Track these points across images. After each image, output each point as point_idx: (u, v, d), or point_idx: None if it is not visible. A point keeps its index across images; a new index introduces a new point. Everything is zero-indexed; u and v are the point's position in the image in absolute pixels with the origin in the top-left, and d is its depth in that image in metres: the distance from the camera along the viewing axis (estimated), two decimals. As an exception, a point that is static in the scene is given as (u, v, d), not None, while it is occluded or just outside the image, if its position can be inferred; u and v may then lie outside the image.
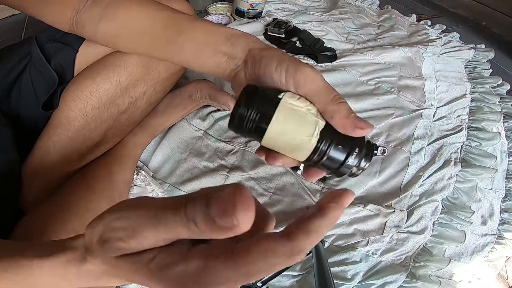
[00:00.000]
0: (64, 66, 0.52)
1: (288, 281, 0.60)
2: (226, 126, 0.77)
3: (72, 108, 0.51)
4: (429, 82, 0.98)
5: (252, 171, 0.71)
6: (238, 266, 0.16)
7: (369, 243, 0.64)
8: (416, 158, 0.79)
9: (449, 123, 0.89)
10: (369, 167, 0.75)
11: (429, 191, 0.74)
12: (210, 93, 0.73)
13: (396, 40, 1.13)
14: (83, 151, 0.54)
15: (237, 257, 0.16)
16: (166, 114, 0.70)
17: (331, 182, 0.73)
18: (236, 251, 0.16)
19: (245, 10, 1.06)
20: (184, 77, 0.83)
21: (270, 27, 1.02)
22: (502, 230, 0.71)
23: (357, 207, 0.67)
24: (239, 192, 0.15)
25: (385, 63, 1.02)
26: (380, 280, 0.60)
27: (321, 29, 1.09)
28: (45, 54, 0.51)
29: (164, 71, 0.58)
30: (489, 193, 0.77)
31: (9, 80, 0.52)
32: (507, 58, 1.18)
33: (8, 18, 1.02)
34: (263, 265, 0.16)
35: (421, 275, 0.62)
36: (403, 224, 0.67)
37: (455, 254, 0.67)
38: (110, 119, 0.54)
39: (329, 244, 0.64)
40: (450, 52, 1.10)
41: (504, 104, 0.96)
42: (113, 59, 0.52)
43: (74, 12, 0.40)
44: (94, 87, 0.51)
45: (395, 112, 0.88)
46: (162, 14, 0.38)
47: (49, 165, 0.51)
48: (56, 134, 0.51)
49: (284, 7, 1.18)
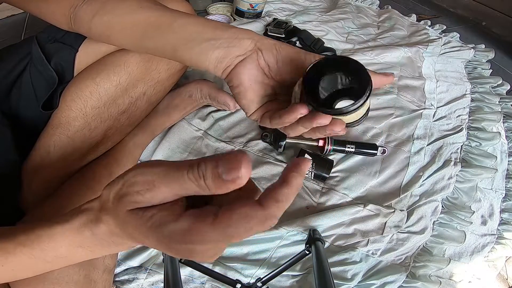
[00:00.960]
0: (64, 66, 0.52)
1: (288, 281, 0.60)
2: (226, 126, 0.78)
3: (72, 108, 0.51)
4: (429, 82, 0.98)
5: (252, 171, 0.71)
6: (220, 228, 0.19)
7: (369, 243, 0.64)
8: (416, 158, 0.79)
9: (449, 123, 0.89)
10: (369, 167, 0.75)
11: (429, 191, 0.74)
12: (210, 93, 0.73)
13: (396, 40, 1.13)
14: (83, 151, 0.54)
15: (219, 220, 0.19)
16: (166, 114, 0.70)
17: (331, 182, 0.73)
18: (219, 215, 0.19)
19: (245, 10, 1.06)
20: (184, 77, 0.83)
21: (270, 27, 1.02)
22: (502, 230, 0.71)
23: (357, 207, 0.67)
24: (242, 154, 0.18)
25: (385, 63, 1.02)
26: (380, 280, 0.60)
27: (321, 29, 1.09)
28: (45, 54, 0.51)
29: (164, 71, 0.58)
30: (489, 193, 0.77)
31: (9, 80, 0.52)
32: (507, 58, 1.18)
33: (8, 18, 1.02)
34: (241, 228, 0.18)
35: (421, 275, 0.62)
36: (403, 224, 0.67)
37: (455, 254, 0.67)
38: (110, 119, 0.54)
39: (329, 244, 0.64)
40: (450, 52, 1.10)
41: (504, 104, 0.96)
42: (113, 59, 0.52)
43: (72, 9, 0.41)
44: (94, 87, 0.51)
45: (395, 112, 0.88)
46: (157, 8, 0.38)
47: (49, 165, 0.51)
48: (56, 134, 0.51)
49: (284, 7, 1.18)
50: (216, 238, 0.19)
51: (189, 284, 0.58)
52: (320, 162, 0.70)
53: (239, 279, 0.56)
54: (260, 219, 0.19)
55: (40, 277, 0.41)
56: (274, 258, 0.62)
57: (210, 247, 0.19)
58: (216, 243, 0.19)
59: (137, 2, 0.39)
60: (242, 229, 0.19)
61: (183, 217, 0.20)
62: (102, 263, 0.49)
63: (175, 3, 0.52)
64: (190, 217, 0.20)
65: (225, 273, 0.58)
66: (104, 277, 0.49)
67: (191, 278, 0.58)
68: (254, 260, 0.61)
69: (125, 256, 0.58)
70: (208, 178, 0.18)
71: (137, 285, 0.56)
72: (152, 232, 0.20)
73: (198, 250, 0.19)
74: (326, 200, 0.70)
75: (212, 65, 0.34)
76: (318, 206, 0.69)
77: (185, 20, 0.36)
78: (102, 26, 0.40)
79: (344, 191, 0.71)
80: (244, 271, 0.59)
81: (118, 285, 0.56)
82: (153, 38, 0.37)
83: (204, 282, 0.58)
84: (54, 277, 0.42)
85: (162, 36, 0.37)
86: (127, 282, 0.56)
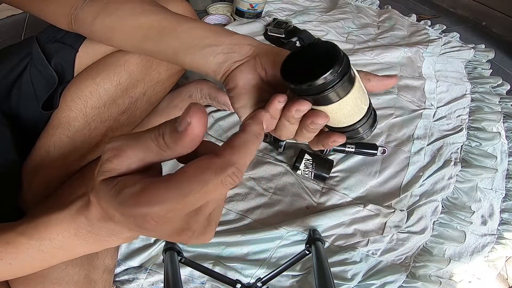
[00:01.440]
0: (64, 66, 0.52)
1: (288, 281, 0.60)
2: (226, 126, 0.78)
3: (72, 108, 0.51)
4: (429, 82, 0.98)
5: (252, 171, 0.71)
6: (172, 185, 0.18)
7: (369, 243, 0.64)
8: (416, 158, 0.79)
9: (449, 123, 0.89)
10: (369, 167, 0.75)
11: (429, 191, 0.74)
12: (210, 93, 0.73)
13: (396, 40, 1.13)
14: (83, 151, 0.54)
15: (172, 177, 0.18)
16: (166, 114, 0.70)
17: (331, 182, 0.73)
18: (173, 174, 0.18)
19: (245, 10, 1.06)
20: (184, 77, 0.83)
21: (270, 27, 1.02)
22: (502, 230, 0.71)
23: (357, 207, 0.67)
24: (195, 104, 0.18)
25: (385, 63, 1.02)
26: (380, 280, 0.60)
27: (321, 29, 1.09)
28: (46, 54, 0.51)
29: (164, 71, 0.58)
30: (489, 193, 0.77)
31: (10, 80, 0.52)
32: (507, 58, 1.18)
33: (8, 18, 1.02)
34: (195, 183, 0.18)
35: (421, 275, 0.62)
36: (403, 224, 0.67)
37: (455, 254, 0.67)
38: (110, 119, 0.54)
39: (329, 244, 0.64)
40: (450, 52, 1.10)
41: (504, 104, 0.96)
42: (113, 59, 0.52)
43: (73, 9, 0.41)
44: (94, 87, 0.51)
45: (395, 112, 0.88)
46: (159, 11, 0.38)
47: (49, 165, 0.51)
48: (56, 134, 0.51)
49: (284, 7, 1.18)
50: (170, 197, 0.17)
51: (189, 284, 0.58)
52: (320, 162, 0.70)
53: (239, 279, 0.56)
54: (216, 169, 0.18)
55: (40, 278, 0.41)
56: (274, 258, 0.62)
57: (165, 210, 0.18)
58: (172, 204, 0.17)
59: (139, 4, 0.39)
60: (196, 183, 0.17)
61: (139, 181, 0.19)
62: (103, 263, 0.49)
63: (175, 3, 0.52)
64: (146, 180, 0.19)
65: (225, 273, 0.58)
66: (104, 277, 0.49)
67: (191, 278, 0.58)
68: (254, 260, 0.61)
69: (125, 256, 0.59)
70: (167, 133, 0.18)
71: (137, 285, 0.56)
72: (114, 201, 0.19)
73: (153, 214, 0.18)
74: (326, 200, 0.70)
75: (212, 70, 0.35)
76: (318, 206, 0.69)
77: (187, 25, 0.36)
78: (104, 28, 0.40)
79: (344, 191, 0.71)
80: (244, 271, 0.59)
81: (118, 285, 0.56)
82: (155, 41, 0.37)
83: (204, 282, 0.58)
84: (55, 277, 0.42)
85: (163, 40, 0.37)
86: (127, 282, 0.56)
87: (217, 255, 0.61)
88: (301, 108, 0.28)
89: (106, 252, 0.51)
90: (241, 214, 0.66)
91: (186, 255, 0.56)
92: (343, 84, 0.25)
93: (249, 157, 0.20)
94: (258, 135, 0.21)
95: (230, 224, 0.65)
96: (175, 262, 0.51)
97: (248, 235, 0.62)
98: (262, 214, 0.67)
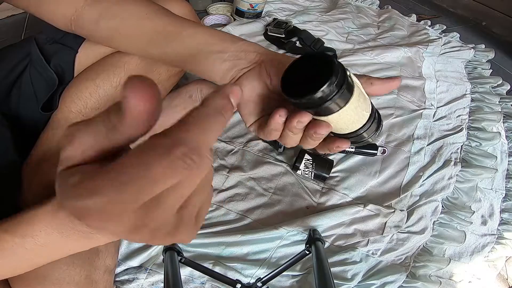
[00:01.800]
0: (64, 67, 0.52)
1: (288, 281, 0.60)
2: (226, 126, 0.78)
3: (71, 109, 0.51)
4: (429, 82, 0.98)
5: (252, 171, 0.71)
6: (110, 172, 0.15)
7: (369, 243, 0.65)
8: (416, 158, 0.79)
9: (449, 123, 0.89)
10: (369, 167, 0.75)
11: (429, 191, 0.74)
12: (210, 93, 0.73)
13: (396, 40, 1.13)
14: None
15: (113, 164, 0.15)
16: (166, 115, 0.70)
17: (331, 182, 0.73)
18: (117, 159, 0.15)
19: (245, 10, 1.06)
20: (184, 78, 0.83)
21: (270, 27, 1.02)
22: (502, 230, 0.71)
23: (357, 207, 0.67)
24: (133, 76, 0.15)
25: (385, 63, 1.02)
26: (380, 280, 0.60)
27: (321, 29, 1.09)
28: (45, 55, 0.51)
29: (164, 72, 0.58)
30: (489, 193, 0.77)
31: (9, 81, 0.52)
32: (507, 58, 1.18)
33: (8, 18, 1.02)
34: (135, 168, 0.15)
35: (421, 275, 0.62)
36: (403, 224, 0.67)
37: (455, 254, 0.67)
38: (110, 119, 0.54)
39: (329, 244, 0.64)
40: (450, 52, 1.10)
41: (504, 104, 0.96)
42: (113, 60, 0.52)
43: (74, 10, 0.40)
44: (93, 88, 0.51)
45: (395, 112, 0.88)
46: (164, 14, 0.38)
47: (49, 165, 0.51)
48: (56, 135, 0.51)
49: (284, 7, 1.18)
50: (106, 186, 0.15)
51: (189, 284, 0.58)
52: (320, 162, 0.70)
53: (239, 279, 0.56)
54: (161, 151, 0.15)
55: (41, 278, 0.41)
56: (274, 258, 0.62)
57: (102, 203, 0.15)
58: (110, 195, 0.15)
59: (145, 7, 0.38)
60: (136, 169, 0.15)
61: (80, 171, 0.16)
62: (103, 263, 0.49)
63: (175, 3, 0.52)
64: (88, 169, 0.16)
65: (225, 273, 0.58)
66: (105, 277, 0.49)
67: (191, 278, 0.58)
68: (254, 260, 0.61)
69: (125, 256, 0.59)
70: (112, 112, 0.16)
71: (137, 285, 0.56)
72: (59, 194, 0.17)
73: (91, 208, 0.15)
74: (326, 200, 0.70)
75: (219, 77, 0.35)
76: (318, 206, 0.69)
77: (192, 30, 0.36)
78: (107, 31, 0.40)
79: (344, 191, 0.71)
80: (244, 271, 0.59)
81: (118, 285, 0.56)
82: (160, 46, 0.37)
83: (204, 282, 0.58)
84: (55, 277, 0.42)
85: (169, 46, 0.37)
86: (127, 282, 0.56)
87: (217, 255, 0.61)
88: (302, 120, 0.28)
89: (107, 252, 0.51)
90: (241, 214, 0.66)
91: (186, 255, 0.56)
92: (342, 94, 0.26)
93: (209, 134, 0.17)
94: (222, 110, 0.18)
95: (230, 224, 0.65)
96: (175, 262, 0.51)
97: (248, 235, 0.62)
98: (262, 214, 0.67)
